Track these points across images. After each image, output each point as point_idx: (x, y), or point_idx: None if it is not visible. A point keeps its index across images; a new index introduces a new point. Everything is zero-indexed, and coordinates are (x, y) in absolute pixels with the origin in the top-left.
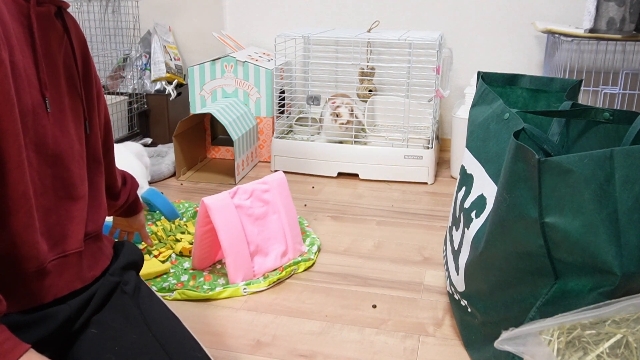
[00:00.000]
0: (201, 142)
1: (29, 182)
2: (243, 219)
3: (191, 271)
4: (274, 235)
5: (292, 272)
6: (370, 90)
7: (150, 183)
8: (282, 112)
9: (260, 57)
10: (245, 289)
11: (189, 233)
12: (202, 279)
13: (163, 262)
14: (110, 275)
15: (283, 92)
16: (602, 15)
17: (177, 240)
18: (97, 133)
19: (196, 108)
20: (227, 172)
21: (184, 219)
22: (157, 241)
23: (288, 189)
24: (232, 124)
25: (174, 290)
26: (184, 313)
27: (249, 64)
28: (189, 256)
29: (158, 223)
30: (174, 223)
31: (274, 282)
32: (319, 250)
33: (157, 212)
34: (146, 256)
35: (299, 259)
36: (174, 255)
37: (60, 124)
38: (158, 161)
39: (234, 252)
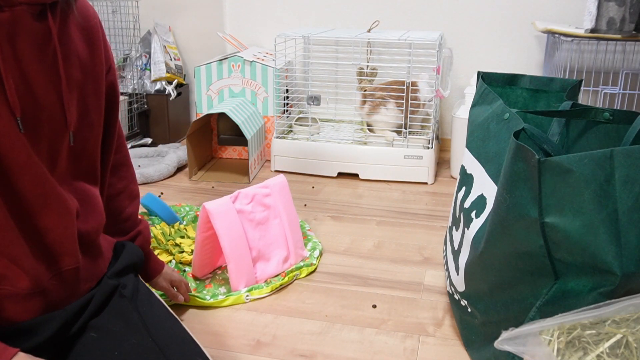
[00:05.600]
0: (207, 142)
1: (5, 209)
2: (245, 224)
3: (192, 278)
4: (275, 240)
5: (295, 278)
6: (365, 90)
7: (150, 183)
8: (284, 112)
9: (264, 56)
10: (247, 295)
11: (188, 237)
12: (202, 287)
13: None
14: (108, 278)
15: (287, 92)
16: (603, 15)
17: (177, 245)
18: (95, 139)
19: (202, 108)
20: (238, 172)
21: (184, 223)
22: (156, 244)
23: (289, 192)
24: (244, 123)
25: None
26: (184, 313)
27: (256, 64)
28: (189, 264)
29: (157, 226)
30: (173, 227)
31: (276, 287)
32: (320, 255)
33: (157, 217)
34: None
35: (301, 264)
36: (173, 262)
37: (37, 142)
38: (158, 161)
39: (236, 258)
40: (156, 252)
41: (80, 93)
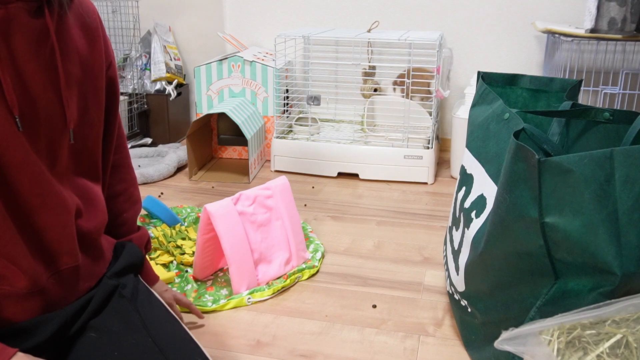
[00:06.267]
0: (207, 142)
1: (2, 208)
2: (246, 225)
3: (193, 279)
4: (277, 242)
5: (297, 280)
6: (375, 90)
7: (150, 183)
8: (284, 112)
9: (264, 56)
10: (249, 298)
11: (189, 239)
12: (204, 290)
13: (164, 265)
14: (107, 278)
15: (287, 92)
16: (603, 15)
17: (178, 247)
18: (95, 136)
19: (202, 108)
20: (238, 171)
21: (185, 224)
22: (157, 245)
23: (291, 194)
24: (244, 123)
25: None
26: (184, 313)
27: (256, 64)
28: (190, 265)
29: (159, 228)
30: (174, 228)
31: (278, 290)
32: (322, 257)
33: (157, 219)
34: (151, 262)
35: (303, 266)
36: (174, 263)
37: (36, 140)
38: (158, 161)
39: (238, 260)
40: (157, 253)
41: (80, 90)
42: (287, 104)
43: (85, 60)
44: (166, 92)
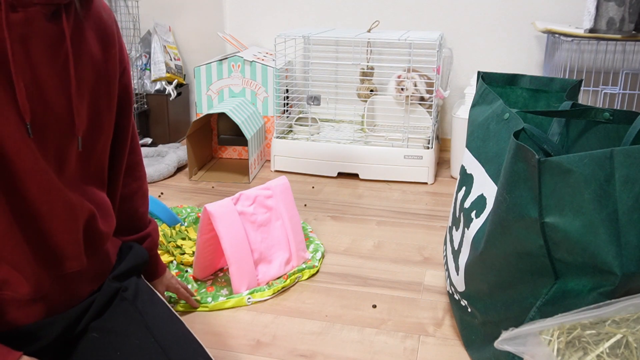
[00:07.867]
0: (207, 142)
1: (9, 214)
2: (246, 225)
3: (193, 279)
4: (277, 242)
5: (297, 280)
6: (371, 90)
7: (150, 183)
8: (284, 112)
9: (264, 56)
10: (249, 298)
11: (189, 239)
12: (204, 290)
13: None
14: (110, 281)
15: (287, 92)
16: (602, 15)
17: (178, 247)
18: (104, 142)
19: (202, 108)
20: (238, 172)
21: (185, 224)
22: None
23: (291, 194)
24: (244, 123)
25: (178, 302)
26: (185, 313)
27: (256, 64)
28: (190, 265)
29: (158, 228)
30: (174, 229)
31: (278, 290)
32: (322, 257)
33: (157, 219)
34: None
35: (303, 266)
36: (174, 263)
37: (45, 146)
38: (158, 161)
39: (238, 260)
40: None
41: (91, 95)
42: (287, 104)
43: (99, 65)
44: (166, 92)
